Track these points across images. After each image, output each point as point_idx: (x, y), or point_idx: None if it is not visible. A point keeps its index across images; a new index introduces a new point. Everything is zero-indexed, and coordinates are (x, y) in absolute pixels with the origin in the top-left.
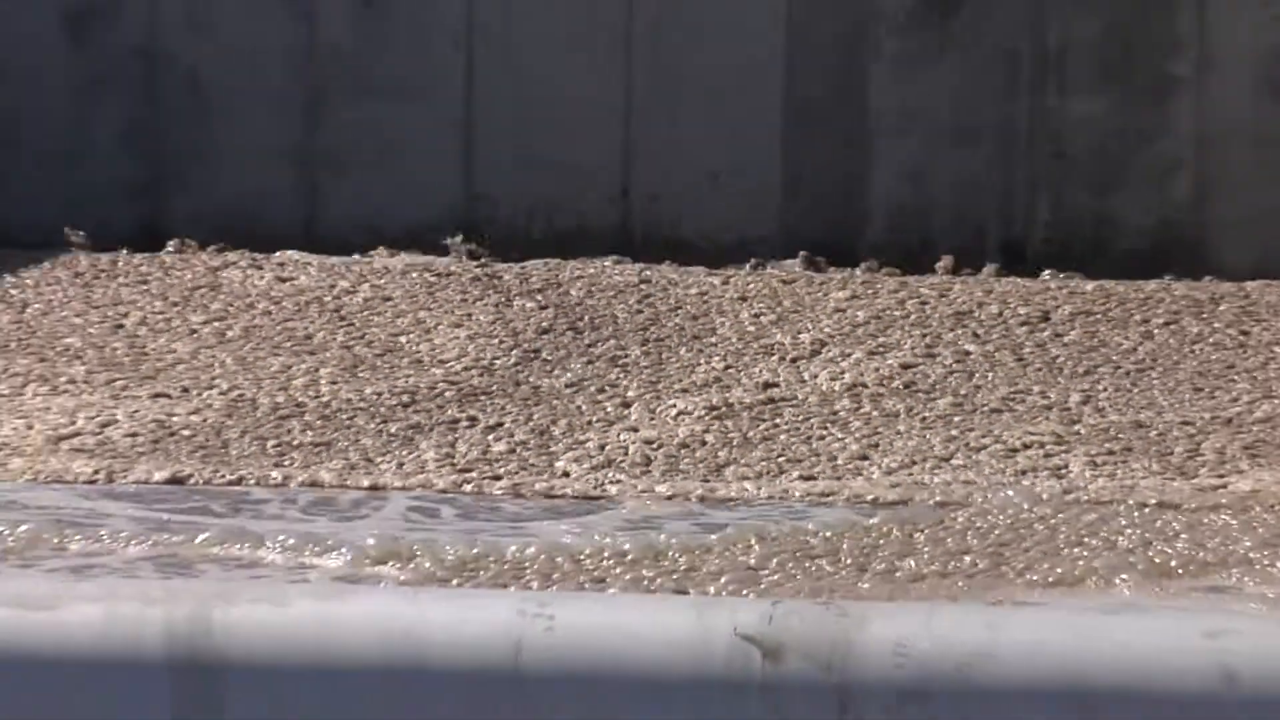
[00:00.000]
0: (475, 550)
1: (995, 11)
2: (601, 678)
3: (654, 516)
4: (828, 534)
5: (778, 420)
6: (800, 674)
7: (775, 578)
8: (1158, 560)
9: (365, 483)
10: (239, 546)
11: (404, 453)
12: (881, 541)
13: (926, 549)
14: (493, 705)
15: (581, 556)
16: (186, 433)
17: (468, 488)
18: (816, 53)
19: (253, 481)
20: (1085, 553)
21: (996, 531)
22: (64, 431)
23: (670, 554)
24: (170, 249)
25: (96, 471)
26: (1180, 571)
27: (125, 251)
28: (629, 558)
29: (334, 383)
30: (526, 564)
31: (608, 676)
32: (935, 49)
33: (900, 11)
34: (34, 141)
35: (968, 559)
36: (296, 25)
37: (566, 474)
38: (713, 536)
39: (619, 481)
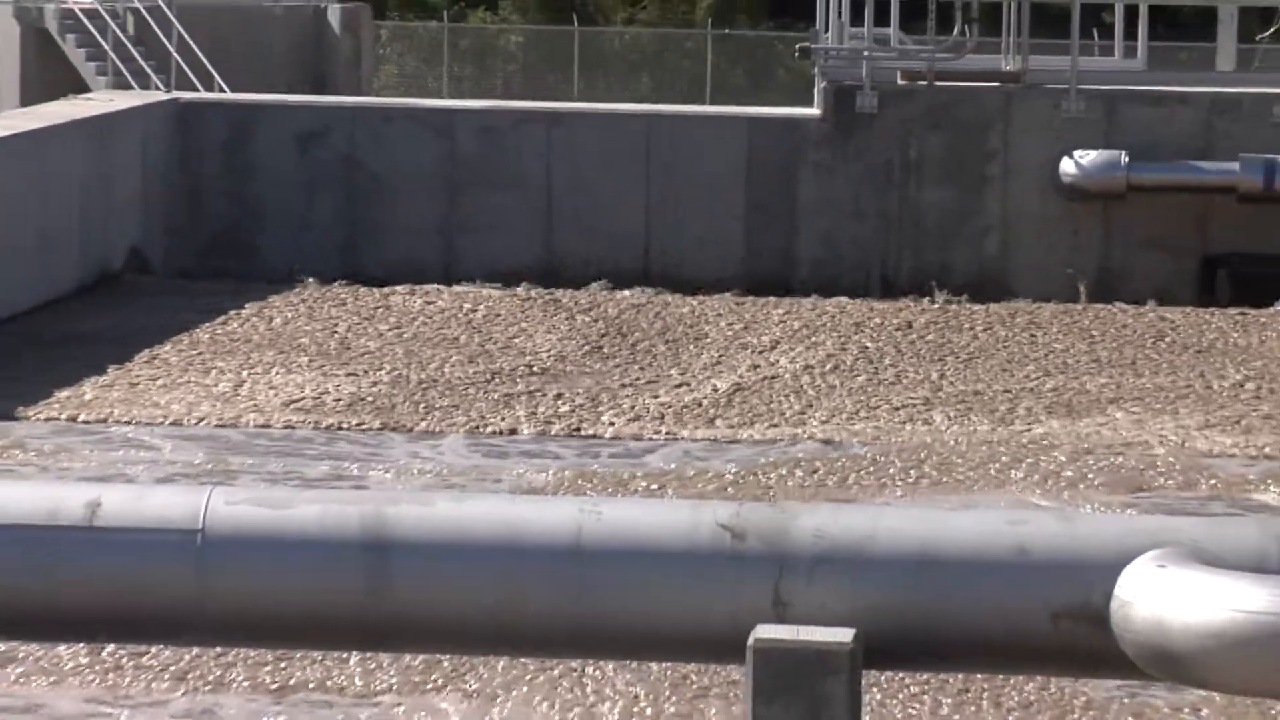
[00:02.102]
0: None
1: (877, 134)
2: (631, 551)
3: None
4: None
5: (760, 388)
6: (755, 548)
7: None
8: (987, 472)
9: (490, 429)
10: (392, 468)
11: (498, 408)
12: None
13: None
14: (563, 568)
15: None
16: (369, 398)
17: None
18: (766, 164)
19: (409, 428)
20: (944, 470)
21: (886, 460)
22: (295, 398)
23: (693, 468)
24: (359, 284)
25: (309, 421)
26: (999, 479)
27: (334, 285)
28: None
29: (456, 366)
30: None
31: (635, 550)
32: (841, 160)
33: (818, 135)
34: (275, 217)
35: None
36: (441, 143)
37: (612, 424)
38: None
39: (648, 428)
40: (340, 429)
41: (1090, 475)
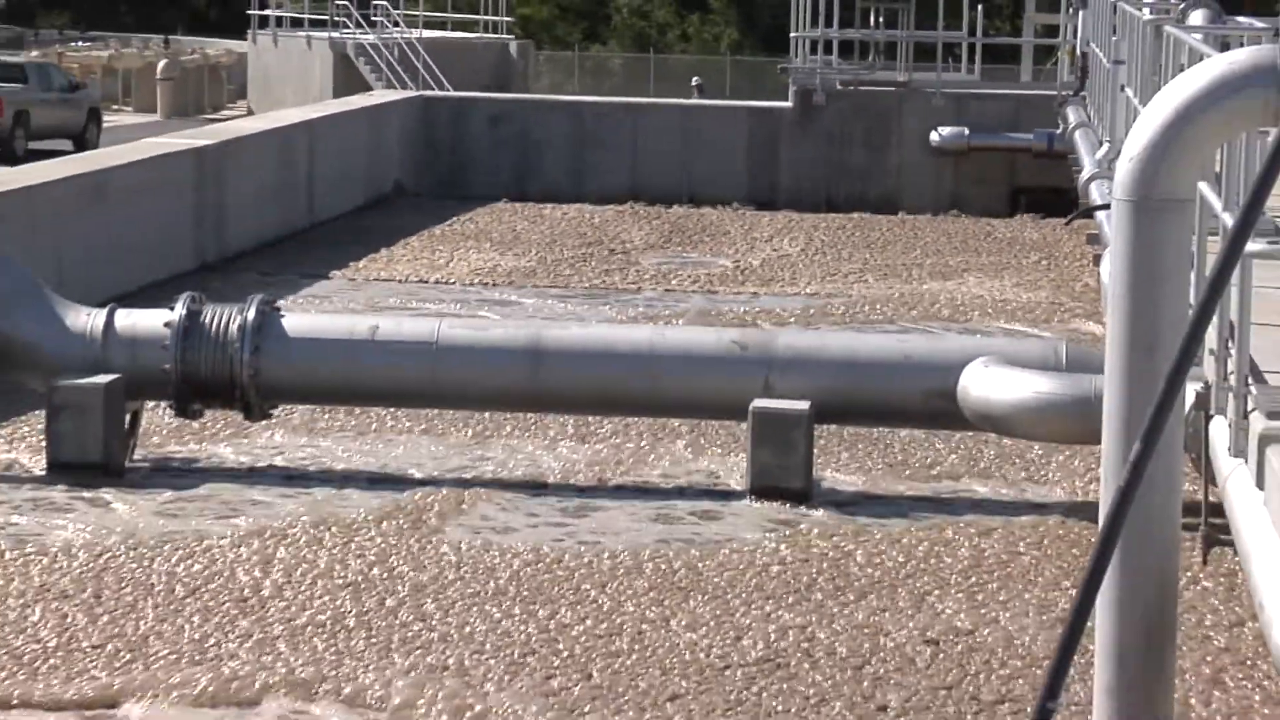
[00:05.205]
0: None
1: (825, 118)
2: (682, 356)
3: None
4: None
5: (767, 264)
6: (753, 354)
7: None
8: (899, 310)
9: (600, 285)
10: (543, 308)
11: (604, 275)
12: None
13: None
14: (644, 361)
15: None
16: (521, 270)
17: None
18: (759, 136)
19: (547, 286)
20: (874, 309)
21: (841, 305)
22: (479, 268)
23: (727, 312)
24: (526, 202)
25: (485, 280)
26: (904, 315)
27: (510, 203)
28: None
29: (578, 249)
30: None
31: (685, 355)
32: (803, 133)
33: (791, 118)
34: (476, 164)
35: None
36: (573, 122)
37: (678, 283)
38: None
39: (698, 286)
40: (503, 285)
41: (954, 312)
